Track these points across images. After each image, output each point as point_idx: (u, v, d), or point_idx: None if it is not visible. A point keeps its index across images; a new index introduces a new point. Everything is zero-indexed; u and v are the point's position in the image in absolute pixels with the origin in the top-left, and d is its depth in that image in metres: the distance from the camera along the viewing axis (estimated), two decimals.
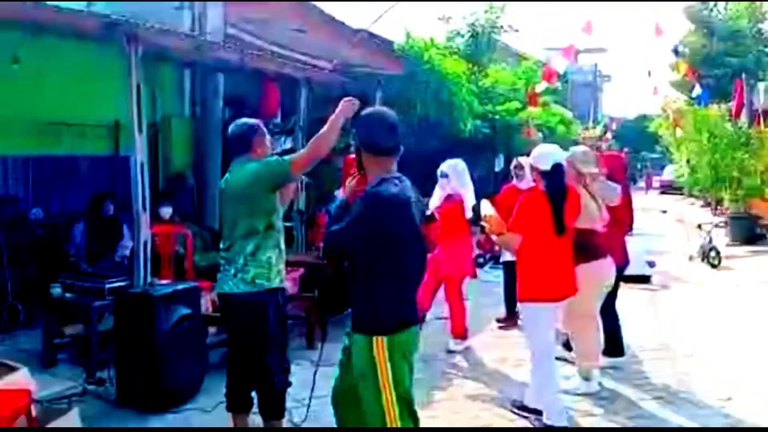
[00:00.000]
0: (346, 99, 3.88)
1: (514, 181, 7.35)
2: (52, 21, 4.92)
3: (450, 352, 6.55)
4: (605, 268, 5.41)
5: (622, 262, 6.21)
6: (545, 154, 4.78)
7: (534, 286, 4.60)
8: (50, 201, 7.44)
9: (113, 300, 5.19)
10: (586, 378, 5.44)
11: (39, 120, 6.64)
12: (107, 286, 5.38)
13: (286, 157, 4.01)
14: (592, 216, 5.20)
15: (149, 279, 5.44)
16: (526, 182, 6.96)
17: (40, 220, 7.04)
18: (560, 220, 4.59)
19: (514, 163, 7.51)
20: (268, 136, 4.27)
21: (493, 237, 5.07)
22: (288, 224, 9.41)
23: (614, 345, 6.19)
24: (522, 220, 4.66)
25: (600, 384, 5.53)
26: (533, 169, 4.85)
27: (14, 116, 6.27)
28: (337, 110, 3.82)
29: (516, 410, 5.03)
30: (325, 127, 3.82)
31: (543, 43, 36.96)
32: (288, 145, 8.85)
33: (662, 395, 5.48)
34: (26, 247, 6.53)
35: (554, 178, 4.63)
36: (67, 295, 5.58)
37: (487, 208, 5.14)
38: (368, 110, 3.39)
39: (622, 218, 6.12)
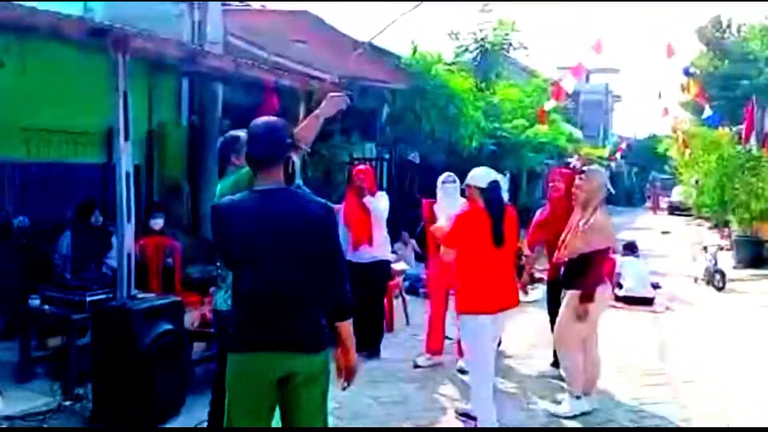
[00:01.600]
0: (331, 94, 3.71)
1: None
2: (37, 24, 4.76)
3: (463, 372, 6.31)
4: (608, 291, 5.53)
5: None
6: (483, 174, 4.94)
7: (472, 299, 4.75)
8: (39, 209, 7.27)
9: (91, 313, 5.01)
10: (577, 396, 5.32)
11: (27, 126, 6.49)
12: (88, 298, 5.20)
13: None
14: (610, 236, 5.42)
15: (133, 292, 5.28)
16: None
17: (26, 228, 6.86)
18: (500, 232, 4.74)
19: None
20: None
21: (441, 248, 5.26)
22: None
23: None
24: (455, 235, 4.85)
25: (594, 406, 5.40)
26: (470, 187, 4.95)
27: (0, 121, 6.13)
28: (320, 108, 3.63)
29: (460, 416, 5.14)
30: (303, 124, 3.63)
31: (555, 62, 36.89)
32: None
33: (657, 422, 5.31)
34: (8, 256, 6.35)
35: (493, 194, 4.82)
36: (46, 307, 5.40)
37: (442, 220, 5.47)
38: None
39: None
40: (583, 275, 5.21)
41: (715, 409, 5.59)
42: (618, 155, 34.37)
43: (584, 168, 5.59)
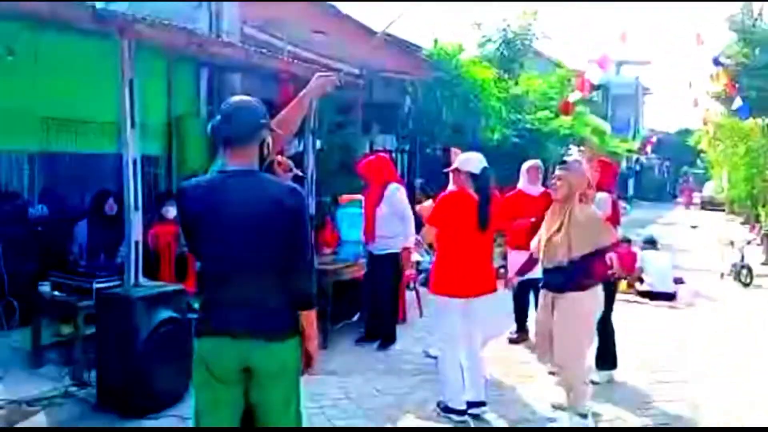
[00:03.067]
0: (318, 74, 3.62)
1: (523, 185, 7.04)
2: (39, 11, 4.77)
3: None
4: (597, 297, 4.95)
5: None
6: (474, 159, 5.07)
7: (444, 281, 4.91)
8: (57, 198, 7.35)
9: (95, 300, 5.05)
10: (583, 415, 4.81)
11: (40, 115, 6.52)
12: (95, 285, 5.24)
13: None
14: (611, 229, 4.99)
15: (141, 280, 5.29)
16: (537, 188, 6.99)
17: (44, 216, 6.95)
18: (486, 216, 4.89)
19: (529, 164, 7.13)
20: None
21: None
22: None
23: (607, 357, 5.97)
24: (438, 214, 5.01)
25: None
26: (461, 172, 5.05)
27: (11, 111, 6.14)
28: (307, 87, 3.52)
29: (441, 412, 5.03)
30: (288, 106, 3.50)
31: (586, 54, 36.41)
32: (300, 147, 8.69)
33: (668, 422, 5.17)
34: (25, 244, 6.44)
35: (483, 180, 4.97)
36: (56, 293, 5.46)
37: (429, 202, 5.67)
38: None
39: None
40: (590, 274, 4.73)
41: (728, 409, 5.43)
42: (648, 149, 33.87)
43: (565, 158, 5.27)
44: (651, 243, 11.01)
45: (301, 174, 4.19)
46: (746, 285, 11.41)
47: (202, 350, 2.89)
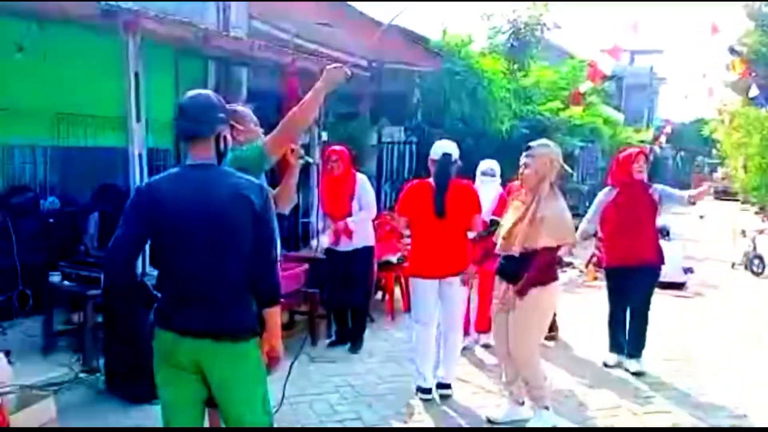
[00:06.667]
0: (330, 66, 3.62)
1: None
2: (48, 7, 4.88)
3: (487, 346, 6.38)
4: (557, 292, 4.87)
5: (657, 263, 6.15)
6: (438, 147, 5.21)
7: (417, 262, 5.15)
8: (70, 190, 7.50)
9: (102, 289, 5.16)
10: (545, 407, 4.65)
11: (50, 110, 6.64)
12: (103, 275, 5.35)
13: (261, 139, 3.63)
14: (571, 229, 4.67)
15: (147, 269, 5.40)
16: None
17: (55, 209, 7.10)
18: (440, 204, 4.98)
19: None
20: (248, 121, 3.82)
21: None
22: (305, 220, 9.41)
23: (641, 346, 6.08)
24: (402, 204, 5.24)
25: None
26: (432, 161, 5.21)
27: (22, 106, 6.27)
28: (319, 81, 3.49)
29: (416, 391, 5.21)
30: (303, 100, 3.52)
31: (597, 44, 36.29)
32: (306, 139, 8.76)
33: (672, 410, 5.18)
34: (38, 235, 6.60)
35: (439, 167, 5.09)
36: (66, 283, 5.60)
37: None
38: None
39: (646, 218, 5.98)
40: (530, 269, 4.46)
41: (734, 397, 5.43)
42: (663, 139, 33.62)
43: (530, 144, 4.75)
44: (663, 232, 10.99)
45: (311, 161, 4.20)
46: (758, 275, 11.38)
47: (157, 340, 2.89)
